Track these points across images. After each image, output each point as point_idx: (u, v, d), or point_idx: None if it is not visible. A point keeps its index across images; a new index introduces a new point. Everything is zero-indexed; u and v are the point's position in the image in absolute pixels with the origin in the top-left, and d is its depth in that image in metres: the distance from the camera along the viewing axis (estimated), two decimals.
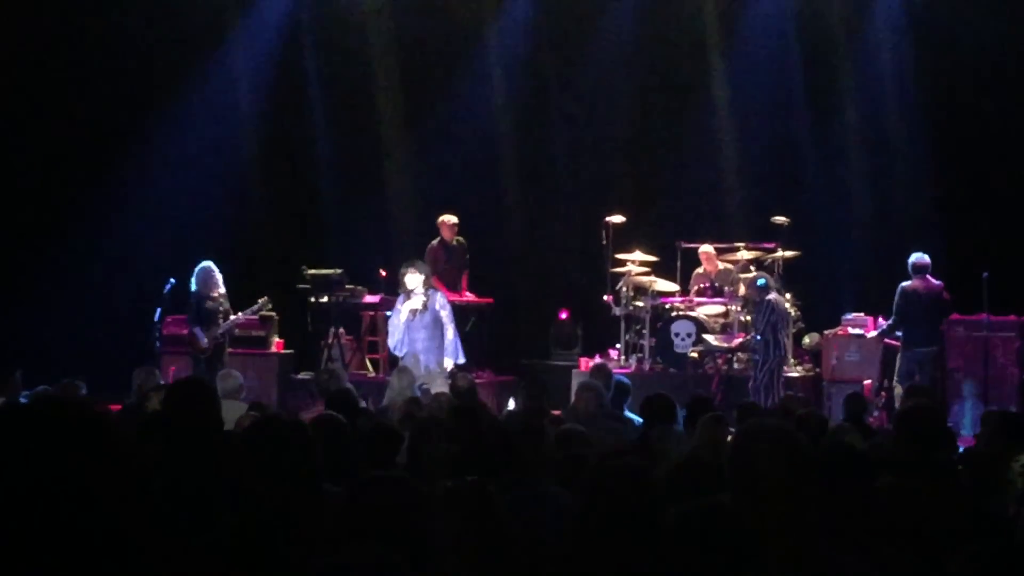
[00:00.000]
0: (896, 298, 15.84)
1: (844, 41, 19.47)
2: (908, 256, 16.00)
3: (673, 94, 20.20)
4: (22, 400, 11.30)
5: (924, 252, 15.97)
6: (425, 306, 16.21)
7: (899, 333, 16.04)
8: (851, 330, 16.95)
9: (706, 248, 18.15)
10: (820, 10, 19.48)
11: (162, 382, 12.24)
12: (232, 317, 16.30)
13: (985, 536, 4.61)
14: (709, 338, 17.28)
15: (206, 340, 16.10)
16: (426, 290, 16.29)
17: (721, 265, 18.10)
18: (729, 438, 8.60)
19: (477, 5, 20.40)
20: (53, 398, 2.26)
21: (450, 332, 16.36)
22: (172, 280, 16.39)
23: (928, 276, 15.83)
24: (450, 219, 18.14)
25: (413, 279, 16.22)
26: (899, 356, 15.97)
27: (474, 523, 4.53)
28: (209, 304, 16.17)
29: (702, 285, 17.97)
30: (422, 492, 4.30)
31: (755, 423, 4.19)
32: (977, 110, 18.33)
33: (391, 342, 16.66)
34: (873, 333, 16.61)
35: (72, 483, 2.18)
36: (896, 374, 15.90)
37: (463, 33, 20.41)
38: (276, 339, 17.90)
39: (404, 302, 16.34)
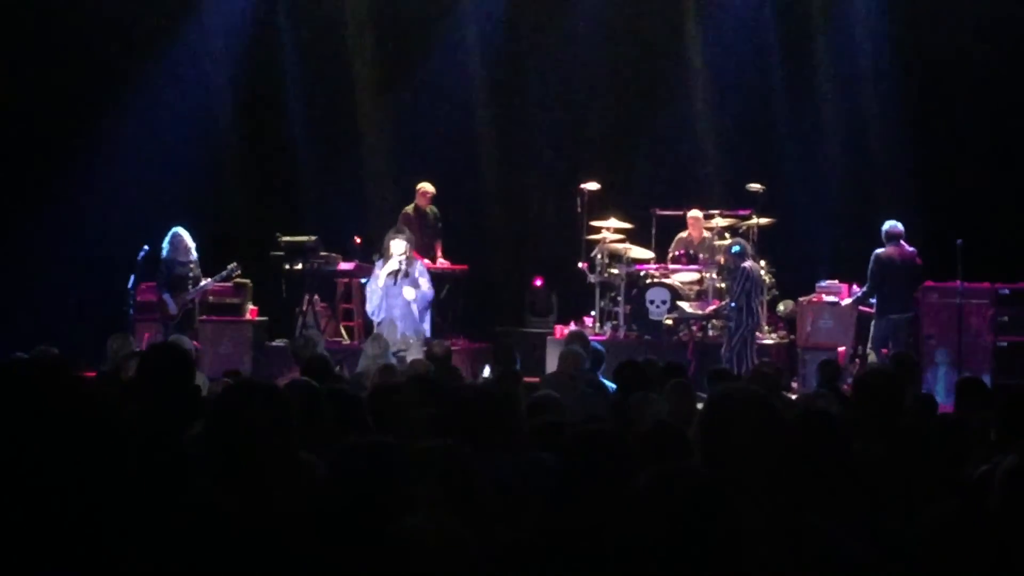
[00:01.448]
0: (871, 264, 15.90)
1: (820, 10, 19.45)
2: (882, 224, 16.06)
3: (649, 62, 20.16)
4: None
5: (898, 220, 16.03)
6: (405, 272, 16.24)
7: (873, 300, 16.11)
8: (825, 297, 16.99)
9: (695, 213, 18.09)
10: None
11: (136, 349, 12.20)
12: (202, 283, 16.28)
13: (954, 498, 4.64)
14: (684, 305, 17.32)
15: (175, 306, 16.09)
16: (407, 258, 16.32)
17: (705, 233, 18.08)
18: (699, 405, 8.65)
19: None
20: (30, 361, 2.25)
21: (415, 308, 16.40)
22: (146, 247, 16.37)
23: (902, 243, 15.90)
24: (428, 188, 18.13)
25: (398, 245, 16.27)
26: (873, 323, 16.03)
27: (450, 485, 4.54)
28: (179, 270, 16.18)
29: (679, 252, 17.93)
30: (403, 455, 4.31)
31: (727, 388, 4.20)
32: (952, 79, 18.36)
33: (369, 307, 16.68)
34: (848, 300, 16.66)
35: (51, 446, 2.16)
36: (870, 341, 15.98)
37: (439, 1, 20.34)
38: (250, 306, 17.86)
39: (383, 266, 16.36)
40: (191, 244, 16.29)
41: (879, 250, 15.89)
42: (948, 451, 5.79)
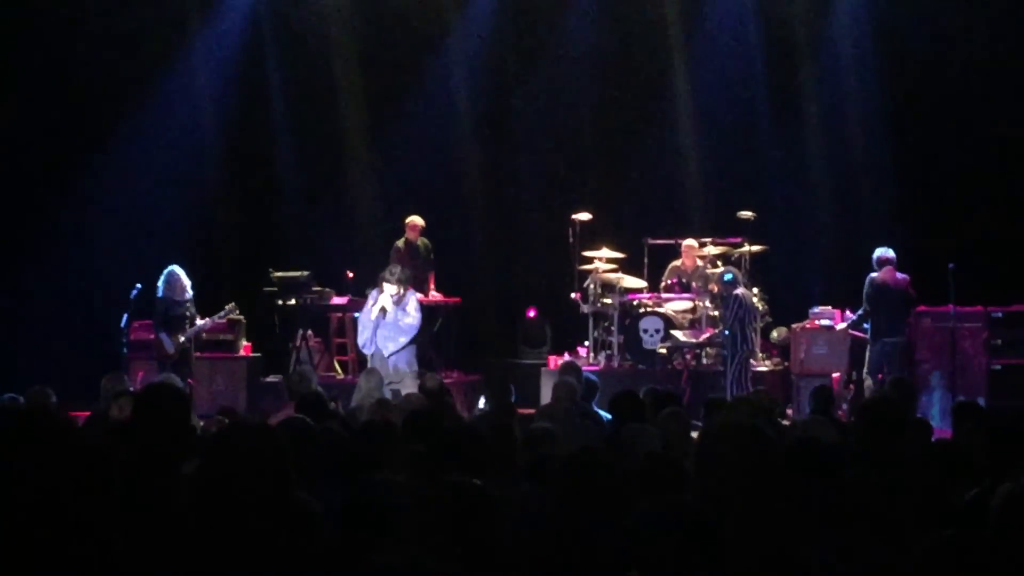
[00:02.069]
0: (866, 288, 15.89)
1: (806, 37, 19.53)
2: (873, 250, 16.05)
3: (637, 92, 20.20)
4: None
5: (889, 246, 16.03)
6: (399, 302, 16.26)
7: (867, 325, 16.11)
8: (819, 322, 16.98)
9: (689, 242, 18.07)
10: (782, 8, 19.52)
11: (131, 388, 12.19)
12: (199, 322, 16.26)
13: (951, 524, 4.64)
14: (677, 334, 17.32)
15: (172, 346, 16.06)
16: (402, 290, 16.36)
17: (699, 262, 18.09)
18: (694, 433, 8.65)
19: (439, 6, 20.36)
20: (18, 408, 2.25)
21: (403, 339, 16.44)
22: (139, 285, 16.36)
23: (893, 269, 15.91)
24: (417, 221, 18.14)
25: (389, 289, 16.32)
26: (868, 349, 16.03)
27: (466, 522, 4.51)
28: (176, 309, 16.13)
29: (671, 280, 17.95)
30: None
31: (721, 420, 4.21)
32: (940, 103, 18.41)
33: (360, 340, 16.68)
34: (842, 324, 16.66)
35: (37, 491, 2.16)
36: (867, 366, 15.95)
37: (425, 35, 20.38)
38: (244, 342, 17.84)
39: (377, 297, 16.37)
40: (187, 283, 16.26)
41: (873, 274, 15.90)
42: (944, 477, 5.79)
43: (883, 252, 15.92)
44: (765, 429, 4.23)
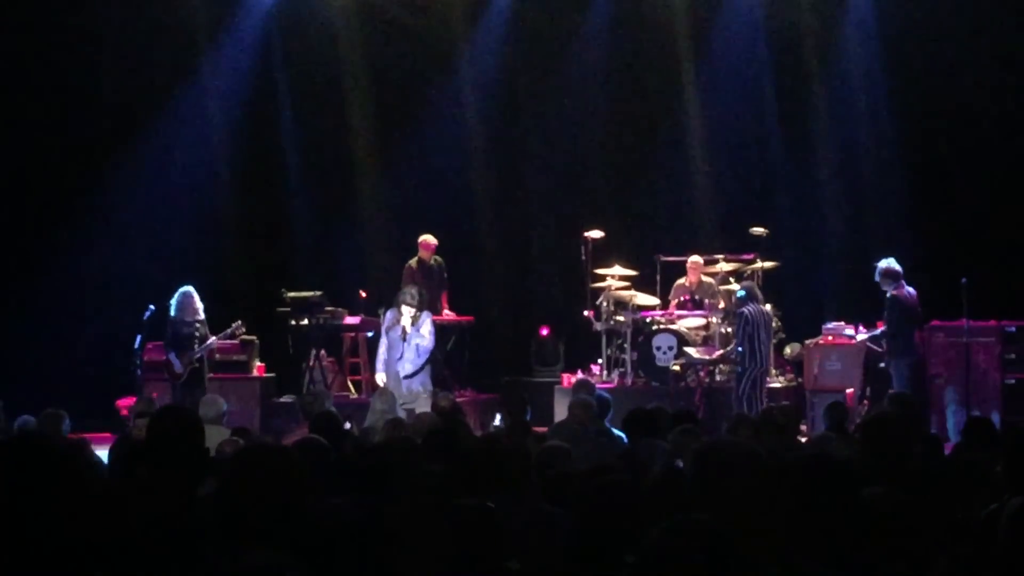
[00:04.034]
0: (894, 307, 15.66)
1: (816, 52, 19.53)
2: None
3: (648, 109, 20.23)
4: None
5: (901, 260, 15.93)
6: (415, 323, 16.26)
7: (884, 342, 15.96)
8: (836, 335, 16.91)
9: (695, 259, 18.07)
10: (791, 22, 19.53)
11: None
12: (207, 342, 16.30)
13: (965, 542, 4.63)
14: (690, 351, 17.30)
15: (181, 365, 16.12)
16: (418, 312, 16.35)
17: (704, 278, 18.08)
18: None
19: (449, 25, 20.41)
20: (28, 436, 2.24)
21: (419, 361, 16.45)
22: (152, 306, 16.39)
23: (904, 283, 15.85)
24: (430, 240, 18.16)
25: (406, 311, 16.30)
26: (896, 367, 15.74)
27: (479, 543, 4.51)
28: (184, 329, 16.20)
29: (683, 298, 17.97)
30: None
31: (711, 442, 4.22)
32: (951, 115, 18.39)
33: (380, 361, 16.67)
34: (864, 336, 16.45)
35: (46, 517, 2.16)
36: (897, 385, 15.53)
37: (436, 53, 20.41)
38: (257, 363, 17.85)
39: (395, 318, 16.35)
40: (199, 305, 16.30)
41: (895, 291, 15.73)
42: (956, 493, 5.78)
43: (896, 266, 15.80)
44: (754, 448, 4.23)
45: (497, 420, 13.99)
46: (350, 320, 17.97)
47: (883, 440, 6.12)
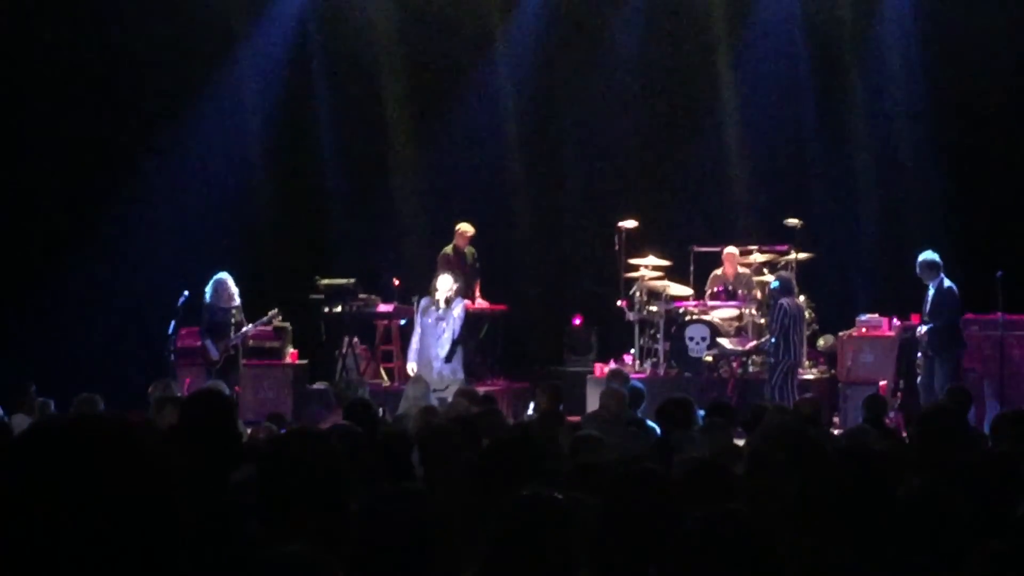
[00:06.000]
0: (951, 297, 15.48)
1: (853, 42, 19.47)
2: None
3: (683, 99, 20.20)
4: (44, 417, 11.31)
5: (938, 252, 15.75)
6: (448, 304, 16.35)
7: (925, 335, 15.69)
8: (865, 329, 16.83)
9: (731, 249, 18.01)
10: (828, 12, 19.47)
11: (178, 394, 12.23)
12: (243, 328, 16.32)
13: (1001, 537, 4.60)
14: (723, 342, 17.27)
15: (217, 351, 16.14)
16: (452, 296, 16.42)
17: (740, 269, 18.03)
18: (742, 442, 8.62)
19: (486, 14, 20.41)
20: (87, 417, 2.18)
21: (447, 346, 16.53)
22: (186, 292, 16.43)
23: (943, 275, 15.71)
24: (467, 228, 18.15)
25: (444, 280, 16.38)
26: (943, 360, 15.46)
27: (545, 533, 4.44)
28: (221, 316, 16.20)
29: (716, 288, 17.93)
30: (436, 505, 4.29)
31: (771, 427, 4.20)
32: (988, 107, 18.30)
33: (412, 349, 16.73)
34: (923, 329, 16.04)
35: (110, 506, 2.11)
36: (942, 378, 15.31)
37: (472, 42, 20.42)
38: (290, 350, 17.89)
39: (427, 305, 16.41)
40: (235, 291, 16.31)
41: (948, 283, 15.54)
42: (996, 487, 5.74)
43: (937, 258, 15.54)
44: (816, 435, 4.20)
45: (531, 409, 14.00)
46: (383, 308, 17.99)
47: (937, 433, 6.09)
